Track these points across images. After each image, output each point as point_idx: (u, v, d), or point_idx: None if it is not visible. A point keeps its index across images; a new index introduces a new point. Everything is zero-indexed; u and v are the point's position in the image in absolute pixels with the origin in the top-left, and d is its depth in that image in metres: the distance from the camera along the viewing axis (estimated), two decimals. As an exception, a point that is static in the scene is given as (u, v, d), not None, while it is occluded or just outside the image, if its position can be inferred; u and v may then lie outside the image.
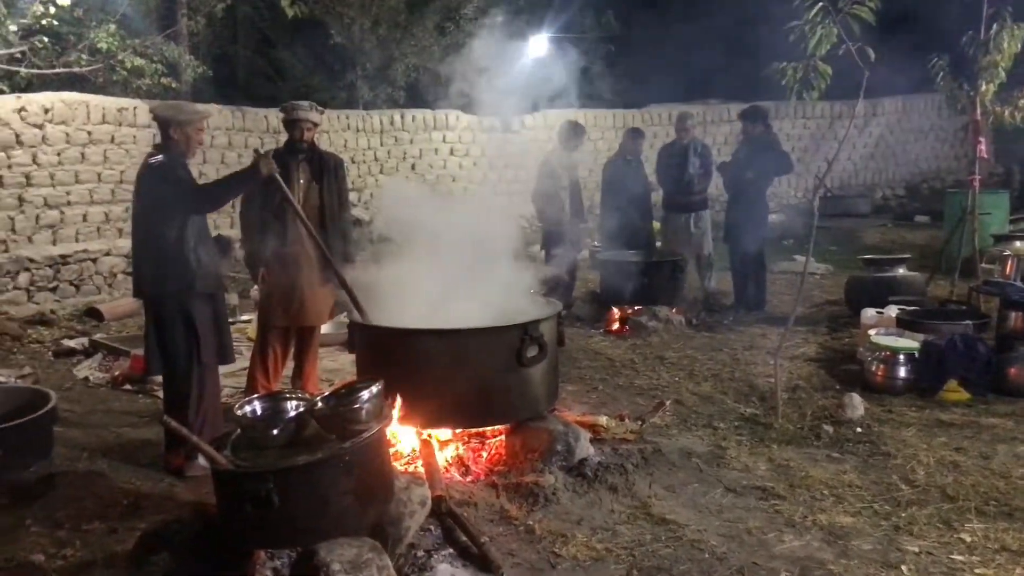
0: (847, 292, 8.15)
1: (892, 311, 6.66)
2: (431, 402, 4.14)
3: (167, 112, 4.60)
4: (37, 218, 9.09)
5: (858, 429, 4.99)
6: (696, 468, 4.44)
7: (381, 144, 13.72)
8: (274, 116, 11.28)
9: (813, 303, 8.72)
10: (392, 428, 4.17)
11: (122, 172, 9.85)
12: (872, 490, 4.16)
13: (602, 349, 7.10)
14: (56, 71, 10.17)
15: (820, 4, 4.96)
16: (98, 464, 4.70)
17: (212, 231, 5.00)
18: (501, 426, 4.47)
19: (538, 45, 15.90)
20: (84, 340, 7.45)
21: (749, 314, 8.10)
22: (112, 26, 10.34)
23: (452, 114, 14.24)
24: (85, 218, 9.55)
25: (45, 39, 10.04)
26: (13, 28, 9.69)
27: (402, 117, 14.02)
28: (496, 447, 4.49)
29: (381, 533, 3.34)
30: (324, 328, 5.96)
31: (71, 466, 4.63)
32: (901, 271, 7.95)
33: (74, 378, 6.55)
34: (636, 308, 7.85)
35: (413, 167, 14.04)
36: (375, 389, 3.42)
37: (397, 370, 4.08)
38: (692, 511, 3.94)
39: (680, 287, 8.33)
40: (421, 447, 4.34)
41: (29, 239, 9.01)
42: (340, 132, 13.07)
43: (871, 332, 6.27)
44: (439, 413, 4.22)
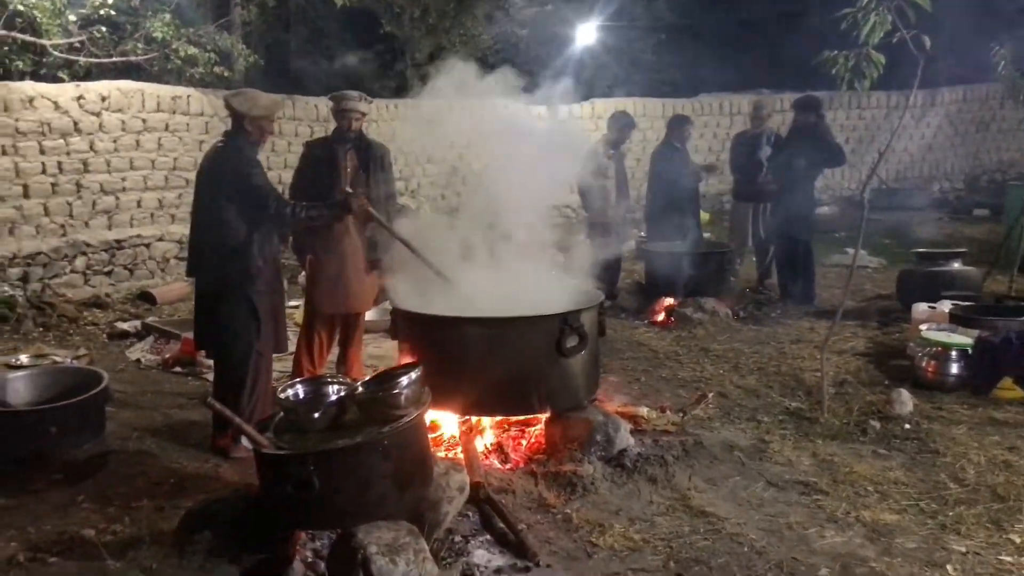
0: (899, 286, 7.96)
1: (945, 306, 6.50)
2: (471, 389, 4.18)
3: (243, 106, 4.57)
4: (93, 204, 9.31)
5: (906, 426, 4.87)
6: (738, 461, 4.39)
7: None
8: (323, 105, 11.38)
9: (864, 297, 8.55)
10: (432, 414, 4.22)
11: (175, 159, 10.03)
12: (919, 488, 4.07)
13: (646, 340, 7.04)
14: (113, 60, 10.38)
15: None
16: (147, 444, 4.82)
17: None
18: (541, 415, 4.48)
19: (587, 33, 15.83)
20: (137, 323, 7.62)
21: (798, 307, 7.97)
22: (167, 15, 10.53)
23: (500, 104, 14.17)
24: (139, 204, 9.75)
25: (103, 28, 10.28)
26: (72, 18, 9.96)
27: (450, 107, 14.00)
28: (536, 435, 4.50)
29: (419, 517, 3.38)
30: (369, 315, 6.04)
31: (122, 445, 4.78)
32: (956, 265, 7.72)
33: (126, 360, 6.71)
34: (682, 299, 7.78)
35: (460, 156, 14.04)
36: (414, 375, 3.45)
37: (438, 357, 4.11)
38: (732, 504, 3.91)
39: (727, 279, 8.21)
40: (461, 434, 4.37)
41: (86, 224, 9.23)
42: (388, 122, 13.14)
43: (922, 327, 6.12)
44: (479, 401, 4.25)
